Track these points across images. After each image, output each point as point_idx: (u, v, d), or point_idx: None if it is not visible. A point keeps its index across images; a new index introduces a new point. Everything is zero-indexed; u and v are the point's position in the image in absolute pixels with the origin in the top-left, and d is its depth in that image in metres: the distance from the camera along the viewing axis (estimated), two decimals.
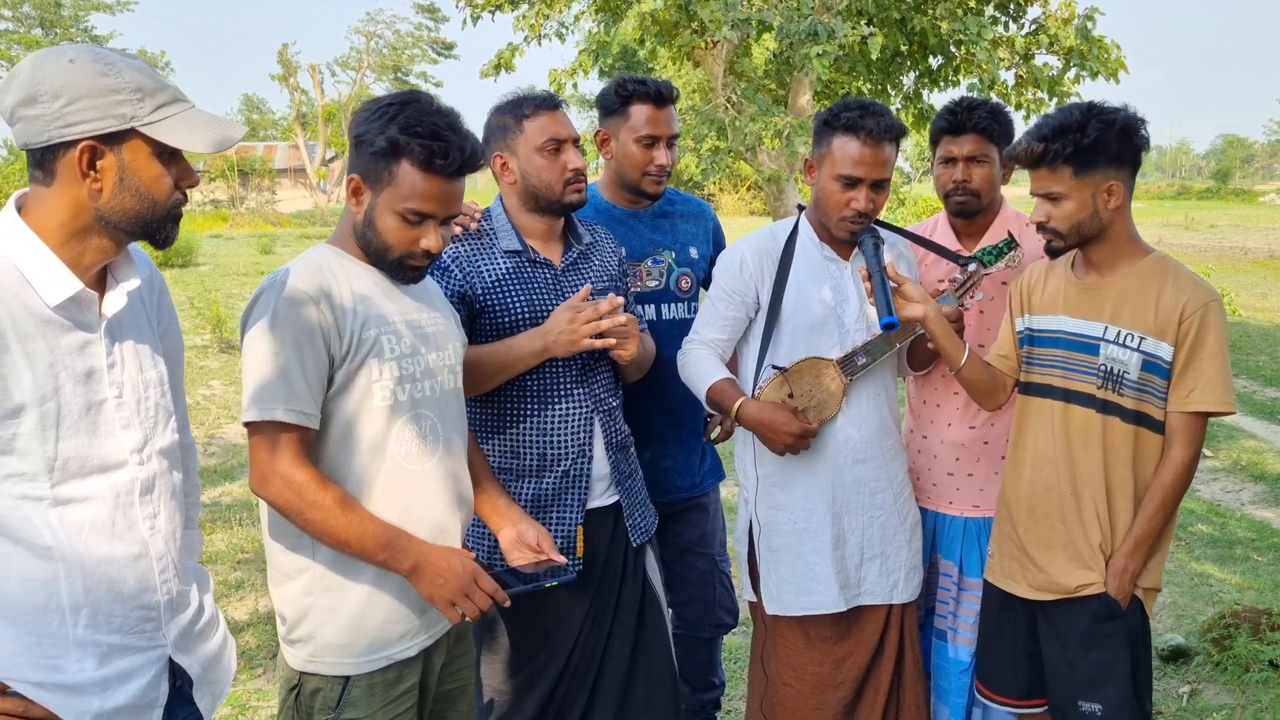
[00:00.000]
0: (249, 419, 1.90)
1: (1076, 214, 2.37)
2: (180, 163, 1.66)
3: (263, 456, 1.90)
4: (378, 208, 2.00)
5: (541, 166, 2.53)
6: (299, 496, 1.88)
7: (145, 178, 1.61)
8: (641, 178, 2.89)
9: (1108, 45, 10.41)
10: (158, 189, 1.63)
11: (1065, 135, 2.32)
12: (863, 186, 2.57)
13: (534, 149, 2.52)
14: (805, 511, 2.71)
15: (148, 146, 1.60)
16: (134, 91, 1.57)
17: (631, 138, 2.86)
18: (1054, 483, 2.48)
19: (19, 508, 1.58)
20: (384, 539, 1.93)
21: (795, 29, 8.97)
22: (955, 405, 2.86)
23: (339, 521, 1.89)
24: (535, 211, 2.58)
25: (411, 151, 1.94)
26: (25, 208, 1.62)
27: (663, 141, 2.88)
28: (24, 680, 1.60)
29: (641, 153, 2.87)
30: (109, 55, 1.59)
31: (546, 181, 2.53)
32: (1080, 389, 2.45)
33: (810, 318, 2.68)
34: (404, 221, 1.99)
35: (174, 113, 1.61)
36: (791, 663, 2.76)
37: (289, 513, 1.91)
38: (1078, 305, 2.47)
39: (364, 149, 1.98)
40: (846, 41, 9.13)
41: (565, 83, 11.09)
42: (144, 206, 1.62)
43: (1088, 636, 2.46)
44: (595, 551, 2.59)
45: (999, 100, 2.86)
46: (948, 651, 2.88)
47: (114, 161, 1.59)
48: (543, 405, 2.52)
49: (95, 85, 1.55)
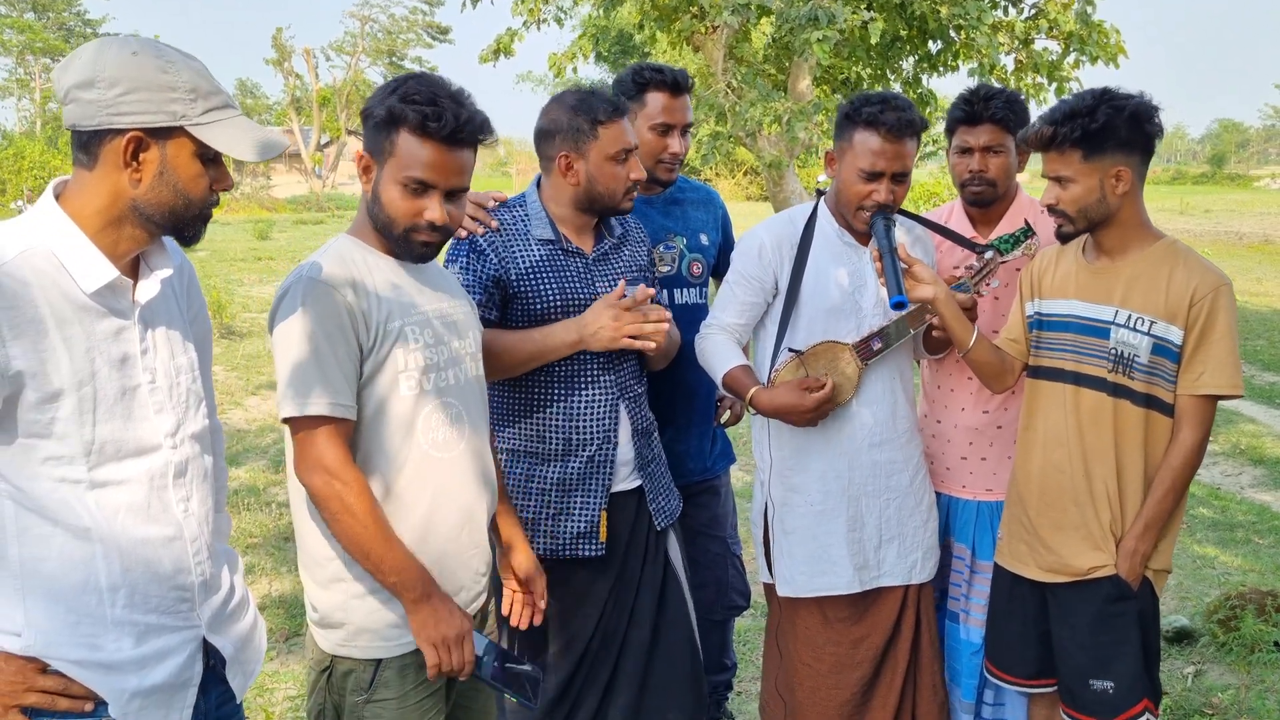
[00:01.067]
0: (289, 414, 1.92)
1: (1084, 198, 2.40)
2: (219, 166, 1.70)
3: (306, 449, 1.93)
4: (382, 181, 2.02)
5: (610, 175, 2.55)
6: (338, 497, 1.91)
7: (184, 175, 1.64)
8: (655, 165, 2.92)
9: (1107, 30, 10.40)
10: (194, 187, 1.66)
11: (1075, 119, 2.36)
12: (883, 180, 2.60)
13: (607, 157, 2.53)
14: (821, 494, 2.75)
15: (192, 145, 1.63)
16: (189, 92, 1.61)
17: (646, 125, 2.89)
18: (1065, 465, 2.52)
19: (57, 490, 1.61)
20: (401, 564, 1.95)
21: (795, 13, 8.95)
22: (969, 390, 2.89)
23: (366, 534, 1.92)
24: (584, 211, 2.61)
25: (407, 118, 1.97)
26: (64, 195, 1.65)
27: (677, 130, 2.91)
28: (64, 659, 1.63)
29: (655, 140, 2.89)
30: (171, 53, 1.62)
31: (611, 189, 2.56)
32: (1091, 372, 2.48)
33: (828, 302, 2.71)
34: (406, 191, 2.00)
35: (223, 118, 1.65)
36: (810, 643, 2.80)
37: (323, 508, 1.94)
38: (1089, 289, 2.50)
39: (368, 124, 2.02)
40: (847, 26, 9.12)
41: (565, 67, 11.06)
42: (179, 202, 1.65)
43: (1099, 618, 2.50)
44: (617, 535, 2.63)
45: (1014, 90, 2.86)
46: (960, 633, 2.93)
47: (157, 155, 1.62)
48: (570, 391, 2.56)
49: (154, 80, 1.58)
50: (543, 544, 2.57)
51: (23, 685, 1.60)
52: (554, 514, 2.57)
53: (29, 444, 1.59)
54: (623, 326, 2.43)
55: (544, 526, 2.57)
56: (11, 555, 1.61)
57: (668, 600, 2.73)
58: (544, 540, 2.57)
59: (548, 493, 2.57)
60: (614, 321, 2.43)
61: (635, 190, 2.61)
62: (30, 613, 1.62)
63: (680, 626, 2.74)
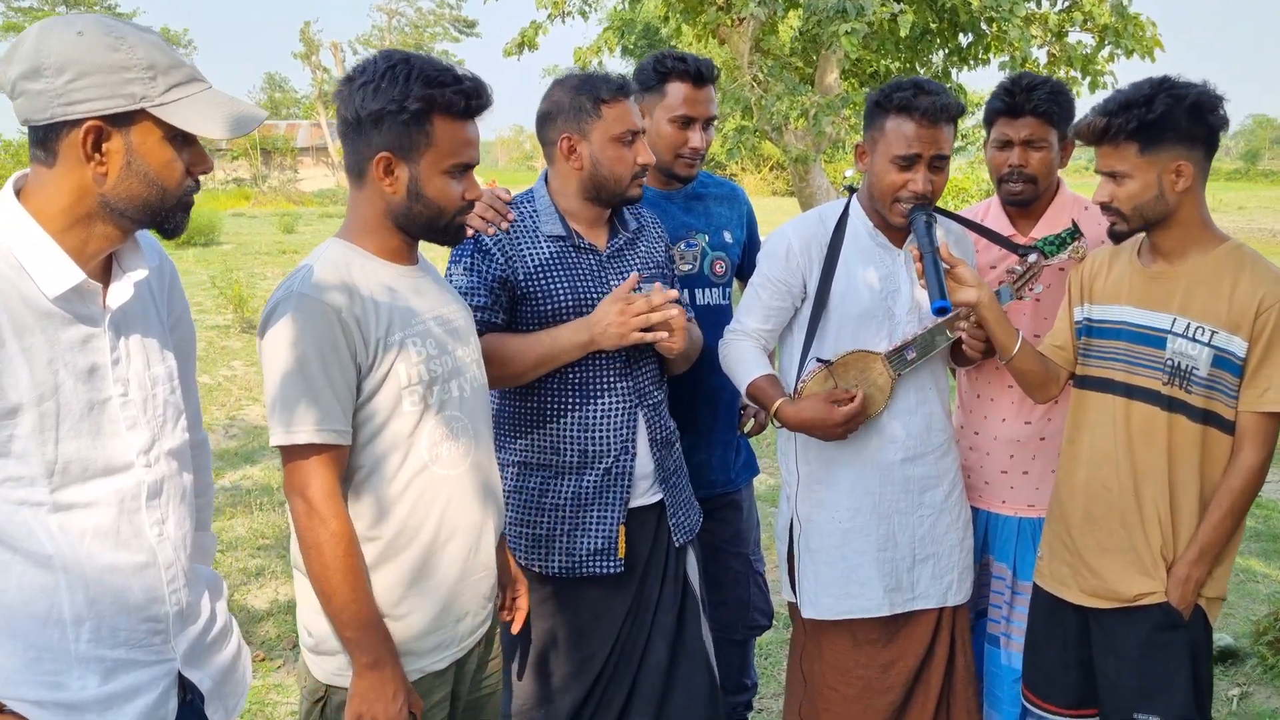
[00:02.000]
0: (278, 442, 1.78)
1: (1141, 195, 2.22)
2: (194, 147, 1.54)
3: (292, 475, 1.80)
4: (421, 176, 1.88)
5: (615, 157, 2.39)
6: (312, 532, 1.78)
7: (155, 163, 1.49)
8: (674, 159, 2.77)
9: (1143, 23, 10.16)
10: (168, 175, 1.51)
11: (1130, 110, 2.18)
12: (920, 166, 2.43)
13: (610, 138, 2.38)
14: (850, 511, 2.59)
15: (159, 129, 1.48)
16: (146, 69, 1.45)
17: (666, 116, 2.73)
18: (1113, 483, 2.34)
19: (17, 514, 1.47)
20: (362, 621, 1.80)
21: (823, 6, 8.77)
22: (1009, 399, 2.72)
23: (331, 580, 1.78)
24: (591, 200, 2.46)
25: (448, 102, 1.84)
26: (25, 191, 1.50)
27: (698, 123, 2.75)
28: (22, 698, 1.50)
29: (675, 133, 2.74)
30: (121, 28, 1.46)
31: (617, 174, 2.41)
32: (1144, 384, 2.31)
33: (860, 307, 2.54)
34: (450, 179, 1.89)
35: (188, 93, 1.49)
36: (837, 666, 2.65)
37: (299, 538, 1.81)
38: (1143, 295, 2.32)
39: (389, 122, 1.84)
40: (876, 19, 8.94)
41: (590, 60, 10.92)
42: (153, 194, 1.50)
43: (1146, 647, 2.33)
44: (636, 552, 2.48)
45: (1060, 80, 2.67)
46: (1000, 658, 2.76)
47: (121, 144, 1.47)
48: (584, 399, 2.41)
49: (104, 60, 1.43)
50: (558, 562, 2.43)
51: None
52: (569, 530, 2.43)
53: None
54: (629, 319, 2.28)
55: (559, 543, 2.43)
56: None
57: (686, 620, 2.58)
58: (559, 559, 2.43)
59: (562, 508, 2.42)
60: (619, 315, 2.28)
61: (644, 176, 2.45)
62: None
63: (697, 646, 2.59)
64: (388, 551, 1.87)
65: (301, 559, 1.84)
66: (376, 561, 1.87)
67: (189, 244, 18.89)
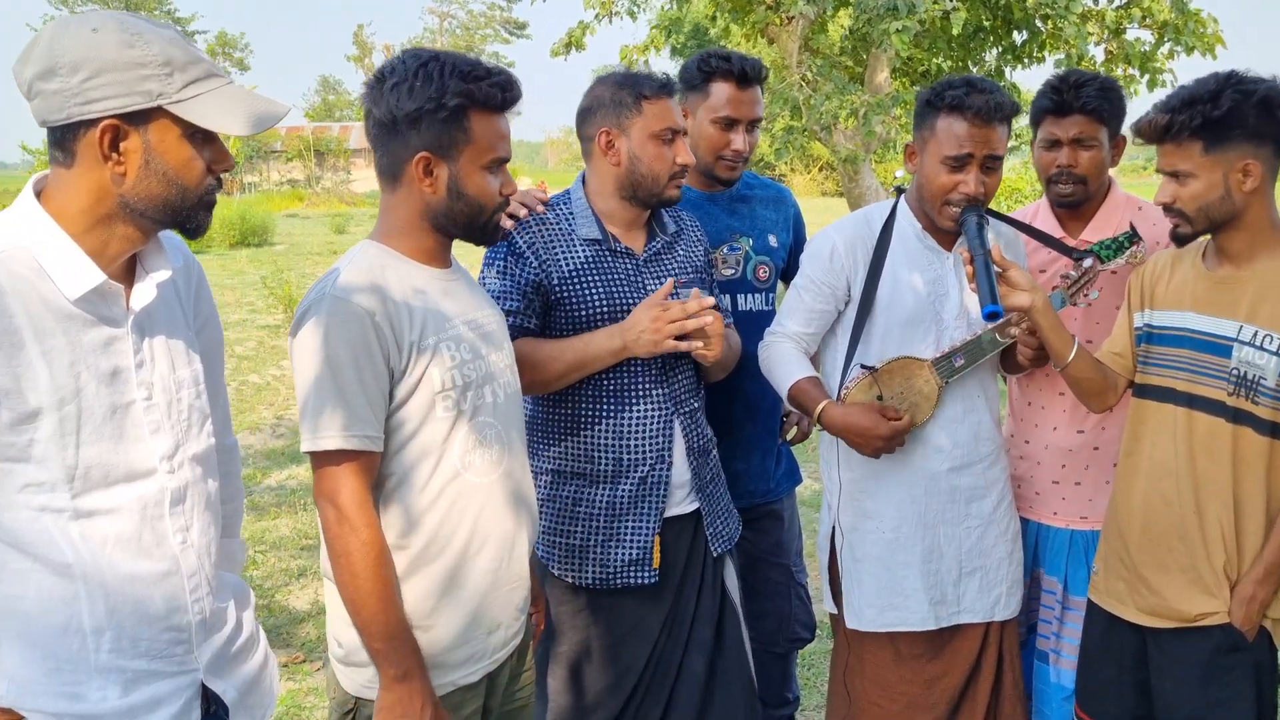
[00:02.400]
0: (309, 448, 1.74)
1: (1205, 195, 2.11)
2: (214, 144, 1.51)
3: (322, 481, 1.76)
4: (461, 174, 1.85)
5: (654, 155, 2.33)
6: (342, 540, 1.74)
7: (174, 161, 1.46)
8: (715, 161, 2.70)
9: (1204, 19, 9.91)
10: (188, 174, 1.48)
11: (1195, 106, 2.08)
12: (971, 167, 2.34)
13: (650, 135, 2.33)
14: (895, 521, 2.50)
15: (177, 127, 1.45)
16: (162, 65, 1.42)
17: (709, 117, 2.67)
18: (1173, 497, 2.24)
19: (38, 520, 1.44)
20: (391, 633, 1.76)
21: (874, 3, 8.65)
22: (1061, 407, 2.61)
23: (360, 590, 1.74)
24: (628, 200, 2.40)
25: (485, 96, 1.81)
26: (45, 192, 1.48)
27: (742, 125, 2.68)
28: (40, 710, 1.47)
29: (718, 134, 2.67)
30: (137, 24, 1.43)
31: (655, 172, 2.35)
32: (1207, 394, 2.20)
33: (906, 312, 2.46)
34: (489, 175, 1.87)
35: (206, 89, 1.46)
36: (880, 681, 2.56)
37: (328, 546, 1.76)
38: (1208, 301, 2.21)
39: (427, 121, 1.80)
40: (927, 16, 8.80)
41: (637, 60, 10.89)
42: (173, 193, 1.47)
43: (1207, 670, 2.22)
44: (672, 562, 2.42)
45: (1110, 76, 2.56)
46: (1049, 675, 2.66)
47: (139, 143, 1.44)
48: (619, 407, 2.35)
49: (119, 58, 1.40)
50: (592, 573, 2.38)
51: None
52: (604, 540, 2.37)
53: (5, 469, 1.43)
54: (663, 327, 2.22)
55: (593, 554, 2.38)
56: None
57: (725, 631, 2.52)
58: (593, 569, 2.38)
59: (596, 517, 2.37)
60: (653, 323, 2.22)
61: (682, 177, 2.39)
62: (5, 658, 1.47)
63: (736, 658, 2.52)
64: (417, 562, 1.83)
65: (330, 567, 1.81)
66: (406, 572, 1.82)
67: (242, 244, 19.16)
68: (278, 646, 4.03)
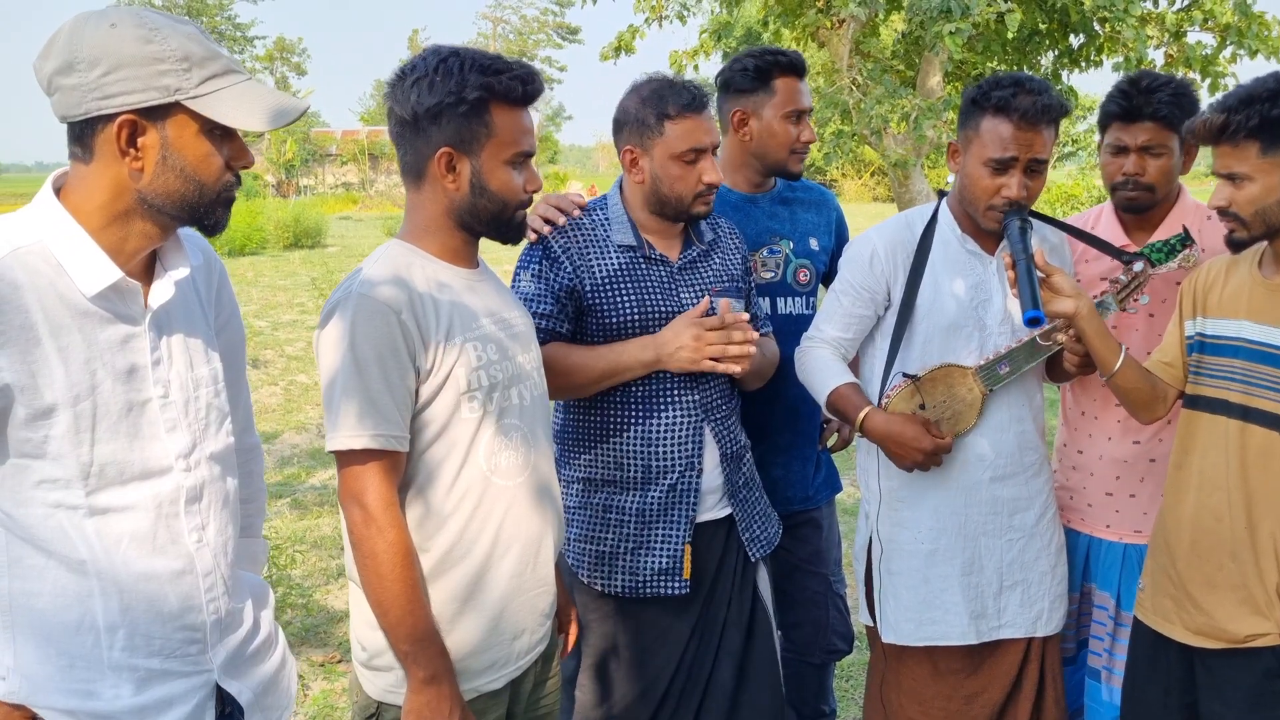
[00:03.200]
0: (335, 447, 1.73)
1: (1263, 198, 2.03)
2: (233, 141, 1.50)
3: (349, 481, 1.74)
4: (484, 169, 1.83)
5: (676, 176, 2.31)
6: (369, 541, 1.72)
7: (192, 157, 1.45)
8: (789, 156, 2.69)
9: (1269, 21, 9.65)
10: (205, 170, 1.47)
11: (1252, 105, 1.99)
12: (1015, 170, 2.27)
13: (671, 156, 2.30)
14: (934, 531, 2.44)
15: (195, 123, 1.44)
16: (180, 61, 1.41)
17: (779, 114, 2.65)
18: (1224, 513, 2.15)
19: (52, 516, 1.44)
20: (419, 635, 1.73)
21: (927, 5, 8.54)
22: (1116, 417, 2.52)
23: (388, 591, 1.72)
24: (657, 214, 2.38)
25: (506, 89, 1.79)
26: (64, 189, 1.48)
27: (807, 115, 2.67)
28: (54, 707, 1.47)
29: (790, 129, 2.66)
30: (156, 19, 1.43)
31: (678, 192, 2.32)
32: (1262, 406, 2.11)
33: (947, 318, 2.40)
34: (513, 169, 1.85)
35: (225, 85, 1.45)
36: (917, 696, 2.50)
37: (354, 548, 1.74)
38: (1264, 309, 2.13)
39: (448, 116, 1.78)
40: (981, 18, 8.66)
41: (686, 64, 10.87)
42: (190, 189, 1.46)
43: (1257, 694, 2.13)
44: (704, 570, 2.39)
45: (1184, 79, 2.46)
46: (1101, 693, 2.57)
47: (157, 138, 1.43)
48: (649, 413, 2.32)
49: (137, 53, 1.39)
50: (621, 581, 2.35)
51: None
52: (633, 548, 2.34)
53: (21, 465, 1.43)
54: (703, 348, 2.21)
55: (622, 562, 2.34)
56: (1, 589, 1.46)
57: (755, 637, 2.47)
58: (622, 577, 2.35)
59: (626, 524, 2.34)
60: (694, 341, 2.21)
61: (709, 195, 2.35)
62: (19, 654, 1.46)
63: (765, 665, 2.48)
64: (441, 565, 1.81)
65: (356, 569, 1.79)
66: (429, 575, 1.80)
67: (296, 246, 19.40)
68: (314, 646, 4.05)
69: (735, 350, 2.23)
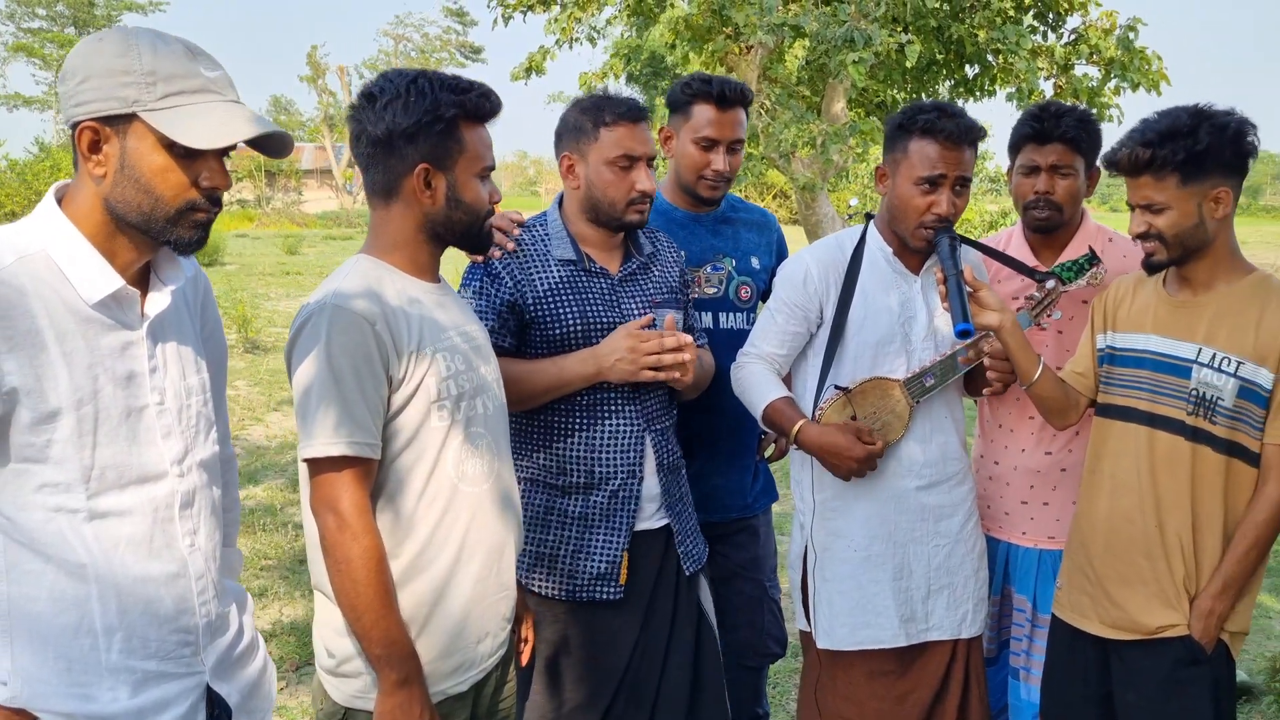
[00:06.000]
0: (311, 455, 1.76)
1: (1181, 224, 2.20)
2: (207, 161, 1.52)
3: (322, 488, 1.77)
4: (458, 183, 1.90)
5: (609, 181, 2.39)
6: (343, 547, 1.75)
7: (147, 169, 1.48)
8: (696, 181, 2.76)
9: (1149, 56, 10.22)
10: (161, 184, 1.49)
11: (1176, 140, 2.15)
12: (944, 188, 2.42)
13: (605, 161, 2.38)
14: (866, 539, 2.56)
15: (151, 135, 1.48)
16: (146, 75, 1.46)
17: (690, 137, 2.73)
18: (1135, 514, 2.31)
19: (53, 521, 1.47)
20: (392, 639, 1.77)
21: (832, 35, 8.82)
22: (1029, 429, 2.69)
23: (362, 596, 1.75)
24: (594, 223, 2.46)
25: (474, 107, 1.87)
26: (66, 198, 1.52)
27: (722, 146, 2.73)
28: (53, 710, 1.49)
29: (699, 154, 2.74)
30: (146, 37, 1.48)
31: (611, 198, 2.40)
32: (1167, 414, 2.28)
33: (877, 334, 2.53)
34: (480, 182, 1.93)
35: (188, 102, 1.48)
36: (851, 698, 2.61)
37: (327, 554, 1.77)
38: (1169, 324, 2.30)
39: (425, 134, 1.85)
40: (883, 49, 8.98)
41: (596, 86, 10.98)
42: (145, 200, 1.49)
43: (1167, 682, 2.29)
44: (642, 576, 2.45)
45: (1087, 108, 2.66)
46: (1021, 692, 2.72)
47: (118, 147, 1.48)
48: (592, 421, 2.39)
49: (108, 65, 1.45)
50: (560, 584, 2.40)
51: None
52: (573, 550, 2.40)
53: (22, 469, 1.45)
54: (640, 358, 2.28)
55: (562, 565, 2.40)
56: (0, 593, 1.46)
57: (702, 651, 2.55)
58: (561, 580, 2.40)
59: (568, 527, 2.40)
60: (630, 353, 2.28)
61: (642, 203, 2.43)
62: (18, 658, 1.48)
63: (713, 679, 2.55)
64: (410, 570, 1.85)
65: (325, 578, 1.81)
66: (398, 581, 1.83)
67: None
68: None
69: (670, 359, 2.30)
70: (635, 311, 2.43)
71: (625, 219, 2.43)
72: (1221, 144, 2.14)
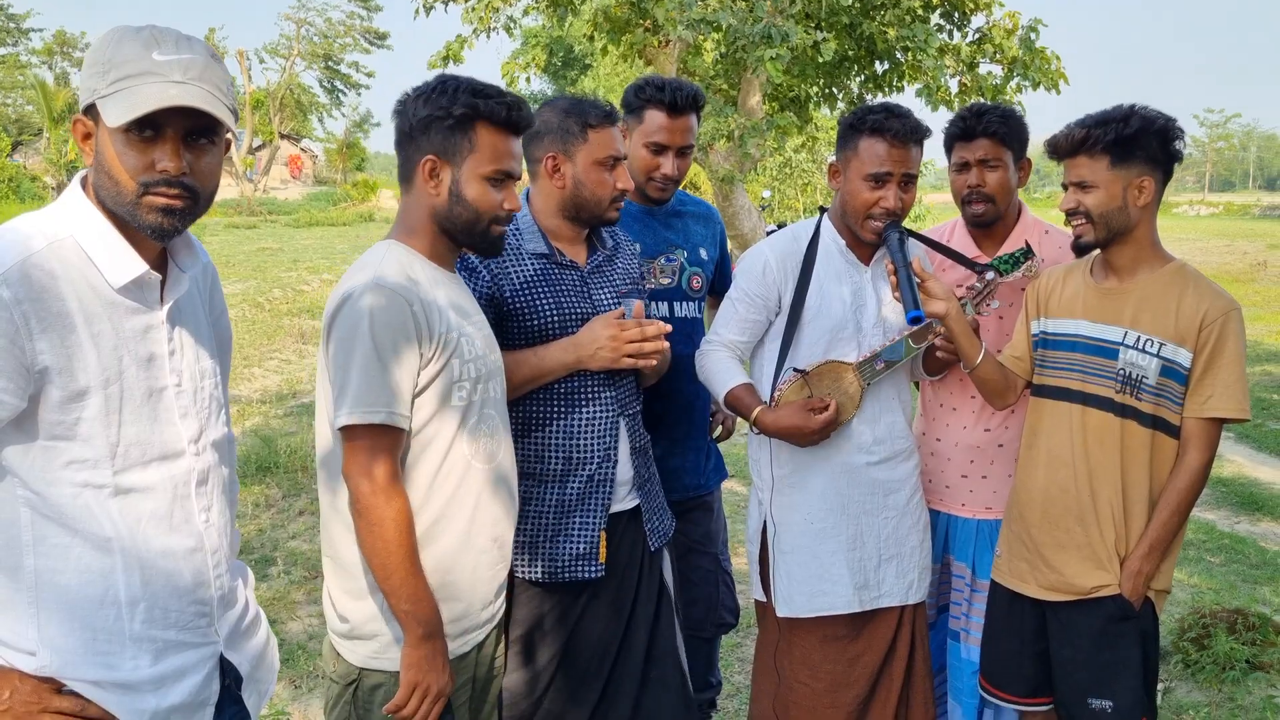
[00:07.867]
0: (349, 422, 1.87)
1: (1107, 204, 2.41)
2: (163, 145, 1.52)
3: (358, 455, 1.88)
4: (462, 180, 2.01)
5: (597, 180, 2.50)
6: (377, 510, 1.87)
7: (107, 155, 1.54)
8: (646, 183, 2.89)
9: (1049, 56, 10.67)
10: (117, 169, 1.53)
11: (1109, 124, 2.39)
12: (891, 184, 2.59)
13: (595, 161, 2.49)
14: (822, 511, 2.72)
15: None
16: (104, 64, 1.51)
17: (641, 141, 2.86)
18: (1070, 485, 2.52)
19: (80, 496, 1.53)
20: (419, 595, 1.92)
21: (749, 30, 9.01)
22: (970, 409, 2.89)
23: (394, 556, 1.89)
24: (572, 220, 2.56)
25: (492, 112, 1.98)
26: (89, 184, 1.59)
27: (672, 151, 2.86)
28: (80, 678, 1.55)
29: (649, 158, 2.86)
30: (125, 31, 1.53)
31: (599, 196, 2.52)
32: (1098, 392, 2.49)
33: (832, 321, 2.70)
34: (490, 185, 2.02)
35: (129, 86, 1.49)
36: (807, 662, 2.77)
37: (359, 517, 1.89)
38: (1097, 310, 2.51)
39: (436, 127, 1.99)
40: (799, 45, 9.21)
41: (518, 76, 11.00)
42: (110, 185, 1.55)
43: (1100, 637, 2.51)
44: (616, 556, 2.57)
45: (1009, 106, 2.88)
46: (960, 652, 2.92)
47: (95, 136, 1.55)
48: (570, 408, 2.50)
49: (88, 60, 1.53)
50: (541, 567, 2.50)
51: (38, 707, 1.52)
52: (552, 535, 2.50)
53: (51, 446, 1.51)
54: (621, 346, 2.41)
55: (542, 548, 2.50)
56: (27, 567, 1.52)
57: (661, 622, 2.68)
58: (542, 563, 2.50)
59: (545, 515, 2.50)
60: (611, 341, 2.41)
61: (621, 200, 2.57)
62: (45, 629, 1.54)
63: (670, 647, 2.69)
64: (424, 539, 1.98)
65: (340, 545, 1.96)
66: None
67: None
68: None
69: (650, 347, 2.43)
70: (605, 301, 2.55)
71: (607, 215, 2.55)
72: (1149, 134, 2.37)
